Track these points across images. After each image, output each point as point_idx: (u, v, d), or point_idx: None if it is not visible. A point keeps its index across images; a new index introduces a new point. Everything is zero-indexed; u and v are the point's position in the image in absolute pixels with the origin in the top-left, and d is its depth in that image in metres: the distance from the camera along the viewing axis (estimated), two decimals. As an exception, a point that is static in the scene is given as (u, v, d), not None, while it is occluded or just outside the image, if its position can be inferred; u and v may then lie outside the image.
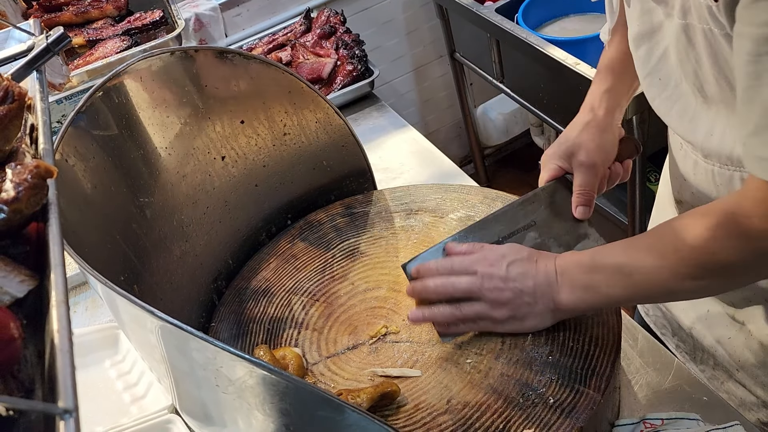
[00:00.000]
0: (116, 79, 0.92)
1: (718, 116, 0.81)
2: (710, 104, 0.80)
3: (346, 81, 1.68)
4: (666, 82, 0.85)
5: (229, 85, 1.05)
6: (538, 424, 0.80)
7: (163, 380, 0.88)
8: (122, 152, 0.95)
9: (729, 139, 0.80)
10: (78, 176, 0.85)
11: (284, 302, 1.03)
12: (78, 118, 0.85)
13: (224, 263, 1.12)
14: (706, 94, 0.79)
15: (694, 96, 0.82)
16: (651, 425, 0.88)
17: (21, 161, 0.57)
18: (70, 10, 1.61)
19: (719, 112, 0.80)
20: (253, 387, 0.62)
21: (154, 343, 0.69)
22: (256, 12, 2.09)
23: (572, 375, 0.83)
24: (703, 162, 0.87)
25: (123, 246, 0.92)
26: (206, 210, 1.09)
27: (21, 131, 0.61)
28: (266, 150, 1.13)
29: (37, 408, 0.37)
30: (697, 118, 0.84)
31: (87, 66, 1.41)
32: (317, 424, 0.66)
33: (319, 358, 0.94)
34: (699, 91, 0.80)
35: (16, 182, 0.51)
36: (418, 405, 0.84)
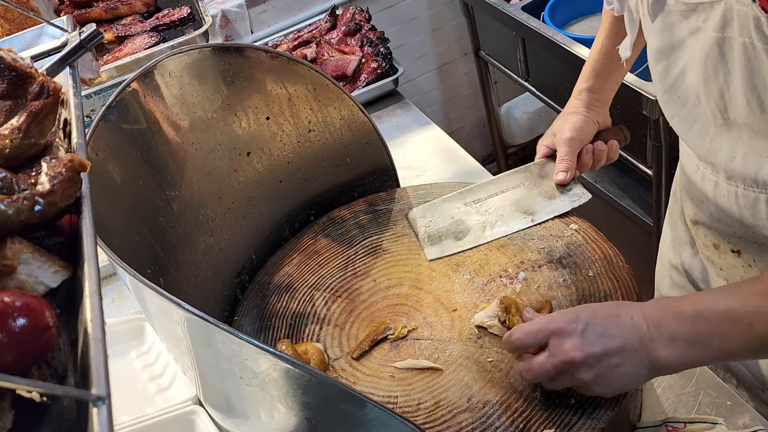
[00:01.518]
0: (145, 73, 0.93)
1: (739, 138, 0.79)
2: (731, 127, 0.79)
3: (370, 78, 1.69)
4: (684, 101, 0.84)
5: (255, 81, 1.06)
6: (558, 425, 0.80)
7: (187, 372, 0.88)
8: (150, 146, 0.95)
9: (753, 162, 0.79)
10: (108, 170, 0.86)
11: (306, 298, 1.03)
12: (109, 112, 0.86)
13: (248, 258, 1.12)
14: (728, 116, 0.77)
15: (714, 118, 0.80)
16: (673, 428, 0.88)
17: (55, 155, 0.58)
18: (99, 6, 1.62)
19: (740, 134, 0.78)
20: (277, 380, 0.63)
21: (180, 334, 0.69)
22: (282, 9, 2.10)
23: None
24: (725, 184, 0.85)
25: (150, 239, 0.93)
26: (231, 205, 1.09)
27: (55, 125, 0.62)
28: (291, 146, 1.13)
29: (72, 394, 0.37)
30: (717, 139, 0.82)
31: (116, 62, 1.42)
32: (338, 418, 0.66)
33: (340, 353, 0.94)
34: (721, 113, 0.77)
35: (52, 175, 0.52)
36: (439, 402, 0.85)
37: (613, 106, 1.13)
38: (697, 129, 0.84)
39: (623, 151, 1.76)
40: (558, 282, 0.95)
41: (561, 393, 0.82)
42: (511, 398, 0.83)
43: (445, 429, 0.82)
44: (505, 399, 0.83)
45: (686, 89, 0.82)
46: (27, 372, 0.44)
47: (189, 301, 0.78)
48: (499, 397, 0.83)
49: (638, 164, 1.70)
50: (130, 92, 0.91)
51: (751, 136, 0.77)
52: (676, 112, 0.87)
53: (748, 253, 0.90)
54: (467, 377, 0.86)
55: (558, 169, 1.05)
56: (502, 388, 0.84)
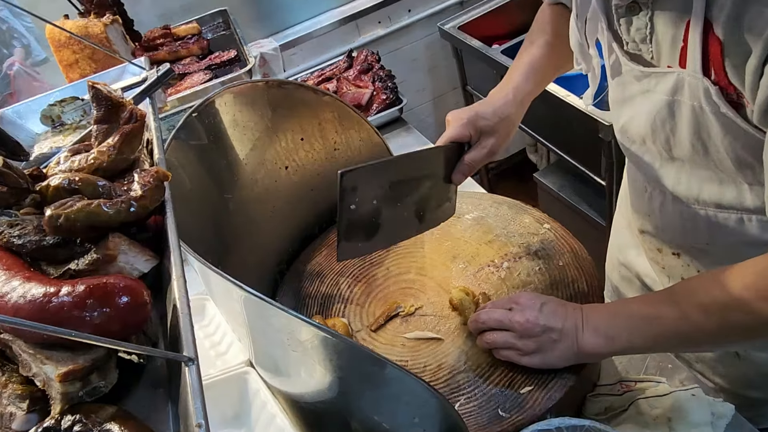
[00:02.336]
0: (208, 102, 0.93)
1: (683, 168, 0.78)
2: (675, 161, 0.77)
3: (380, 107, 1.67)
4: (633, 140, 0.82)
5: (292, 109, 1.05)
6: (536, 383, 0.79)
7: (242, 340, 0.88)
8: (211, 160, 0.95)
9: (695, 186, 0.78)
10: (179, 177, 0.85)
11: (333, 282, 1.02)
12: (179, 132, 0.86)
13: (286, 250, 1.11)
14: (673, 155, 0.76)
15: (660, 154, 0.79)
16: (626, 386, 0.87)
17: (143, 167, 0.59)
18: (164, 49, 1.62)
19: (684, 166, 0.77)
20: (317, 347, 0.62)
21: (238, 310, 0.69)
22: (309, 51, 2.09)
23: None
24: (672, 202, 0.84)
25: (211, 234, 0.93)
26: (273, 208, 1.08)
27: (141, 144, 0.63)
28: (320, 161, 1.12)
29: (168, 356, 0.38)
30: (663, 168, 0.81)
31: (178, 94, 1.42)
32: (365, 377, 0.65)
33: (361, 326, 0.94)
34: (666, 152, 0.76)
35: (142, 183, 0.53)
36: (441, 365, 0.84)
37: (574, 129, 1.07)
38: (647, 160, 0.83)
39: (582, 166, 1.76)
40: (534, 270, 0.94)
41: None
42: (497, 362, 0.82)
43: (446, 386, 0.82)
44: (493, 362, 0.83)
45: (635, 133, 0.80)
46: (128, 339, 0.44)
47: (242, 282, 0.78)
48: (488, 362, 0.83)
49: (594, 177, 1.69)
50: (196, 116, 0.90)
51: (693, 167, 0.76)
52: (628, 146, 0.85)
53: (686, 255, 0.89)
54: (463, 345, 0.86)
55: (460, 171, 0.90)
56: (490, 355, 0.83)
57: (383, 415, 0.68)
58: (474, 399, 0.79)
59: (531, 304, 0.78)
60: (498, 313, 0.80)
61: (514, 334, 0.78)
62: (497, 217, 1.06)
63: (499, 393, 0.79)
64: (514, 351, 0.79)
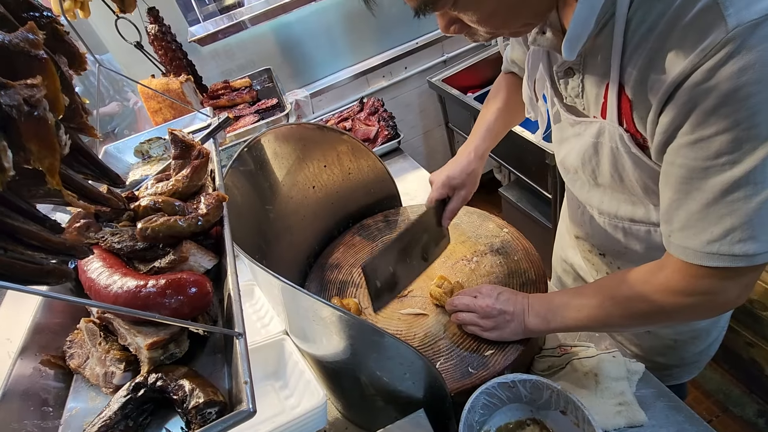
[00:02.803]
0: (255, 140, 0.93)
1: (605, 192, 0.77)
2: (599, 186, 0.77)
3: (384, 140, 1.66)
4: (568, 170, 0.81)
5: (317, 144, 1.05)
6: (497, 346, 0.79)
7: (280, 315, 0.88)
8: (257, 182, 0.95)
9: (614, 205, 0.77)
10: (233, 196, 0.86)
11: (348, 272, 1.02)
12: (234, 163, 0.86)
13: (312, 248, 1.11)
14: (597, 182, 0.75)
15: (588, 182, 0.78)
16: (564, 350, 0.87)
17: (208, 191, 0.59)
18: (224, 98, 1.63)
19: (606, 190, 0.77)
20: (334, 322, 0.63)
21: (276, 294, 0.69)
22: (331, 98, 2.08)
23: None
24: (598, 216, 0.83)
25: (257, 236, 0.92)
26: (303, 217, 1.08)
27: (206, 174, 0.63)
28: (338, 183, 1.12)
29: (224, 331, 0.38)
30: (591, 192, 0.80)
31: (234, 131, 1.42)
32: (369, 343, 0.66)
33: (367, 305, 0.92)
34: (593, 180, 0.75)
35: (207, 204, 0.53)
36: (426, 334, 0.84)
37: (528, 156, 1.05)
38: (579, 185, 0.82)
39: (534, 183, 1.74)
40: (496, 263, 0.94)
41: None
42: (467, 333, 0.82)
43: (430, 349, 0.82)
44: (464, 333, 0.82)
45: (570, 165, 0.79)
46: (196, 319, 0.44)
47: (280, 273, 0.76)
48: (461, 332, 0.83)
49: (543, 192, 1.69)
50: (246, 150, 0.90)
51: (613, 192, 0.75)
52: (565, 175, 0.84)
53: (609, 255, 0.88)
54: (443, 319, 0.86)
55: (447, 217, 0.91)
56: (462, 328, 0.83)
57: (383, 371, 0.69)
58: (450, 360, 0.79)
59: (490, 293, 0.79)
60: (466, 299, 0.80)
61: (477, 315, 0.78)
62: (469, 224, 1.06)
63: (468, 355, 0.79)
64: (477, 327, 0.79)
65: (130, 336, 0.43)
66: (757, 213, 0.49)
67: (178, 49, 1.42)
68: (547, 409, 0.73)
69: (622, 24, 0.52)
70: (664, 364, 0.93)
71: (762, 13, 0.41)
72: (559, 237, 1.13)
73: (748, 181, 0.48)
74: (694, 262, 0.55)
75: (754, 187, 0.48)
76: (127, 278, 0.44)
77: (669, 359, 0.92)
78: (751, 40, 0.42)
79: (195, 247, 0.50)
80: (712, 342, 0.91)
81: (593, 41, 0.57)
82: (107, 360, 0.43)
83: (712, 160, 0.49)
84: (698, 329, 0.87)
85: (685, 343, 0.89)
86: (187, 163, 0.60)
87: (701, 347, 0.90)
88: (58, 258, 0.34)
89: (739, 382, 1.50)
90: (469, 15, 0.53)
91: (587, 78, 0.64)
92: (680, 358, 0.92)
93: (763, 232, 0.50)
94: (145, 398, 0.39)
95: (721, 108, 0.45)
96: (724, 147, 0.47)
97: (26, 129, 0.28)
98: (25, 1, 0.38)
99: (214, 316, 0.47)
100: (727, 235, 0.51)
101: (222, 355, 0.44)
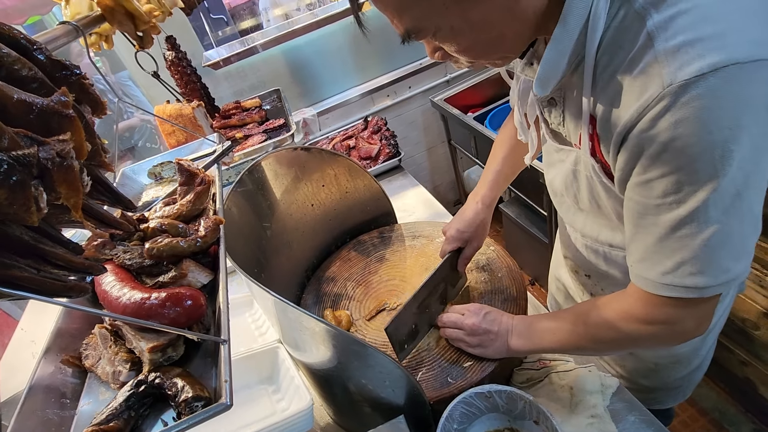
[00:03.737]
0: (256, 163, 0.95)
1: (587, 217, 0.78)
2: (582, 210, 0.78)
3: (385, 158, 1.68)
4: (555, 193, 0.83)
5: (315, 165, 1.07)
6: (475, 359, 0.81)
7: (274, 326, 0.91)
8: (256, 202, 0.97)
9: (595, 229, 0.79)
10: (234, 215, 0.88)
11: (342, 285, 1.04)
12: (236, 185, 0.90)
13: (310, 262, 1.12)
14: (579, 206, 0.76)
15: (573, 206, 0.79)
16: (543, 363, 0.89)
17: (208, 215, 0.65)
18: (235, 117, 1.65)
19: (588, 214, 0.78)
20: (318, 332, 0.66)
21: (269, 306, 0.72)
22: (337, 117, 2.10)
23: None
24: (581, 239, 0.84)
25: (256, 251, 0.94)
26: (302, 233, 1.09)
27: (209, 198, 0.69)
28: (336, 201, 1.13)
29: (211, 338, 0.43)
30: (575, 216, 0.81)
31: (243, 150, 1.45)
32: (351, 352, 0.69)
33: (359, 317, 0.95)
34: (576, 204, 0.76)
35: (206, 227, 0.60)
36: None
37: (521, 174, 1.03)
38: (564, 208, 0.83)
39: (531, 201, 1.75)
40: (481, 279, 0.96)
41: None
42: (448, 345, 0.85)
43: (413, 359, 0.84)
44: (446, 345, 0.85)
45: (556, 188, 0.80)
46: (191, 327, 0.49)
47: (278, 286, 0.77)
48: (442, 345, 0.85)
49: (539, 209, 1.70)
50: (247, 174, 0.94)
51: (594, 217, 0.77)
52: (553, 196, 0.86)
53: (594, 276, 0.89)
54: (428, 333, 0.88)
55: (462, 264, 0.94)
56: (445, 341, 0.86)
57: (366, 378, 0.72)
58: (432, 370, 0.81)
59: (477, 312, 0.81)
60: (453, 317, 0.83)
61: (464, 332, 0.81)
62: None
63: (448, 366, 0.81)
64: (464, 343, 0.81)
65: (135, 341, 0.49)
66: (702, 249, 0.51)
67: (192, 74, 1.51)
68: (523, 419, 0.75)
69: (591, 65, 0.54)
70: (649, 386, 0.94)
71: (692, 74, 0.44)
72: (554, 255, 1.14)
73: (692, 219, 0.50)
74: (651, 291, 0.57)
75: (698, 226, 0.50)
76: (135, 291, 0.50)
77: (652, 382, 0.93)
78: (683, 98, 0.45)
79: (194, 265, 0.56)
80: (694, 369, 0.91)
81: (570, 78, 0.60)
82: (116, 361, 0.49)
83: (661, 198, 0.52)
84: (678, 354, 0.88)
85: (666, 367, 0.90)
86: (191, 190, 0.66)
87: (683, 373, 0.90)
88: (78, 275, 0.42)
89: (734, 401, 1.50)
90: (447, 45, 0.56)
91: (567, 109, 0.65)
92: (663, 382, 0.92)
93: (709, 267, 0.52)
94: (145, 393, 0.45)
95: (662, 154, 0.49)
96: (670, 188, 0.50)
97: (58, 176, 0.36)
98: (58, 62, 0.47)
99: (207, 325, 0.52)
100: (679, 267, 0.53)
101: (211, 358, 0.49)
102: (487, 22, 0.52)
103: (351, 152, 1.78)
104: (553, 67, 0.56)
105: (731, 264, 0.52)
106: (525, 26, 0.53)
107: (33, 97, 0.37)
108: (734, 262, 0.52)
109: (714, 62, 0.43)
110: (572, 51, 0.55)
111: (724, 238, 0.51)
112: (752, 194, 0.50)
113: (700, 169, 0.48)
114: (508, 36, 0.54)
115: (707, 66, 0.43)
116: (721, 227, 0.50)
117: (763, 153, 0.48)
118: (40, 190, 0.34)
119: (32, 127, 0.37)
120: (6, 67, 0.39)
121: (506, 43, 0.56)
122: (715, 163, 0.47)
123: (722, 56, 0.43)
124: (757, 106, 0.45)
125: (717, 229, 0.50)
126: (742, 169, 0.47)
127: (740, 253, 0.52)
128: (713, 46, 0.43)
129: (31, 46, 0.42)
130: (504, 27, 0.53)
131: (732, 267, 0.52)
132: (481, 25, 0.52)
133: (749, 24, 0.44)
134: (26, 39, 0.43)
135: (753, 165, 0.48)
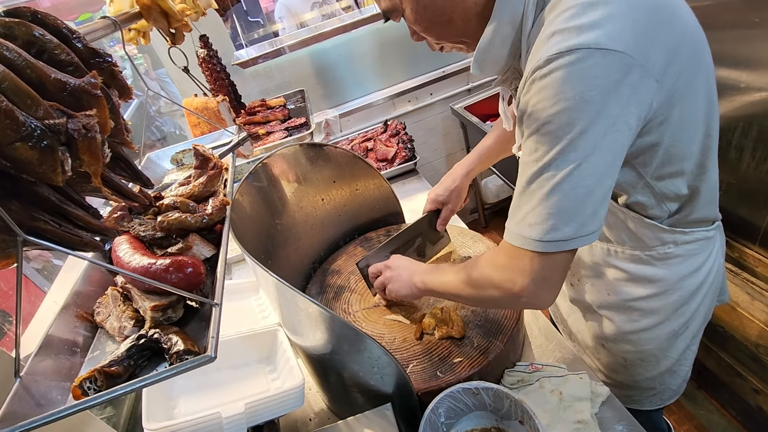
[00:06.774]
0: (268, 158, 1.00)
1: None
2: None
3: (401, 161, 1.71)
4: None
5: (327, 162, 1.11)
6: (465, 356, 0.84)
7: (275, 309, 0.91)
8: (267, 194, 1.01)
9: None
10: (245, 206, 0.91)
11: (345, 278, 1.07)
12: (249, 177, 0.95)
13: (317, 255, 1.15)
14: None
15: None
16: (536, 367, 0.90)
17: (218, 196, 0.70)
18: (259, 114, 1.71)
19: None
20: (315, 315, 0.69)
21: (272, 290, 0.75)
22: (358, 119, 2.14)
23: (490, 333, 0.87)
24: None
25: (265, 241, 0.98)
26: (311, 227, 1.13)
27: (221, 182, 0.74)
28: (346, 197, 1.16)
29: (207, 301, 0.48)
30: None
31: (264, 145, 1.53)
32: (343, 336, 0.72)
33: (359, 308, 0.99)
34: None
35: (213, 206, 0.66)
36: (405, 339, 0.90)
37: None
38: None
39: None
40: None
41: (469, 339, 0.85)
42: (441, 342, 0.87)
43: (405, 352, 0.87)
44: (438, 342, 0.87)
45: None
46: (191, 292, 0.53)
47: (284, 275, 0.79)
48: (435, 341, 0.88)
49: None
50: (260, 167, 0.98)
51: None
52: None
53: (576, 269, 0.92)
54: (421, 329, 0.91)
55: (440, 224, 1.06)
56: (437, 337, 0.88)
57: (357, 364, 0.74)
58: (422, 363, 0.84)
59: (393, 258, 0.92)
60: (380, 265, 0.93)
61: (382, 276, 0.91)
62: (462, 245, 1.11)
63: (438, 361, 0.83)
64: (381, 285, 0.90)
65: (141, 300, 0.54)
66: (540, 204, 0.57)
67: (222, 71, 1.60)
68: (509, 418, 0.77)
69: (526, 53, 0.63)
70: (622, 382, 0.95)
71: (554, 52, 0.53)
72: None
73: (538, 176, 0.56)
74: (504, 238, 0.64)
75: (540, 183, 0.56)
76: (144, 257, 0.56)
77: (624, 378, 0.94)
78: (543, 69, 0.53)
79: (199, 239, 0.61)
80: (665, 371, 0.90)
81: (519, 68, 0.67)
82: (122, 318, 0.55)
83: (527, 156, 0.58)
84: (643, 351, 0.89)
85: (634, 363, 0.91)
86: (205, 173, 0.72)
87: (653, 373, 0.91)
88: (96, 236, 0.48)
89: (746, 430, 1.45)
90: (415, 27, 0.66)
91: None
92: (633, 380, 0.93)
93: (541, 222, 0.57)
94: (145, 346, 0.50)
95: (526, 119, 0.57)
96: (531, 147, 0.57)
97: (82, 145, 0.42)
98: (93, 50, 0.54)
99: (206, 294, 0.57)
100: (523, 219, 0.59)
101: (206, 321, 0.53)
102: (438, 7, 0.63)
103: (368, 153, 1.82)
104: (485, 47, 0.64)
105: (560, 224, 0.56)
106: (469, 13, 0.63)
107: (67, 78, 0.43)
108: (563, 224, 0.56)
109: (570, 45, 0.52)
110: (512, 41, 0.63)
111: (558, 200, 0.55)
112: (588, 168, 0.54)
113: (548, 132, 0.54)
114: (456, 20, 0.63)
115: (565, 47, 0.52)
116: (557, 187, 0.55)
117: (605, 132, 0.53)
118: (66, 156, 0.40)
119: (65, 102, 0.43)
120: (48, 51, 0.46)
121: (456, 26, 0.64)
122: (563, 127, 0.53)
123: (577, 41, 0.52)
124: (600, 86, 0.51)
125: (553, 188, 0.55)
126: (583, 140, 0.53)
127: (570, 217, 0.56)
128: (574, 34, 0.52)
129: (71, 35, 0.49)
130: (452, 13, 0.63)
131: (560, 227, 0.56)
132: (432, 9, 0.63)
133: (612, 22, 0.52)
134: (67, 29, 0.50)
135: (594, 140, 0.53)
